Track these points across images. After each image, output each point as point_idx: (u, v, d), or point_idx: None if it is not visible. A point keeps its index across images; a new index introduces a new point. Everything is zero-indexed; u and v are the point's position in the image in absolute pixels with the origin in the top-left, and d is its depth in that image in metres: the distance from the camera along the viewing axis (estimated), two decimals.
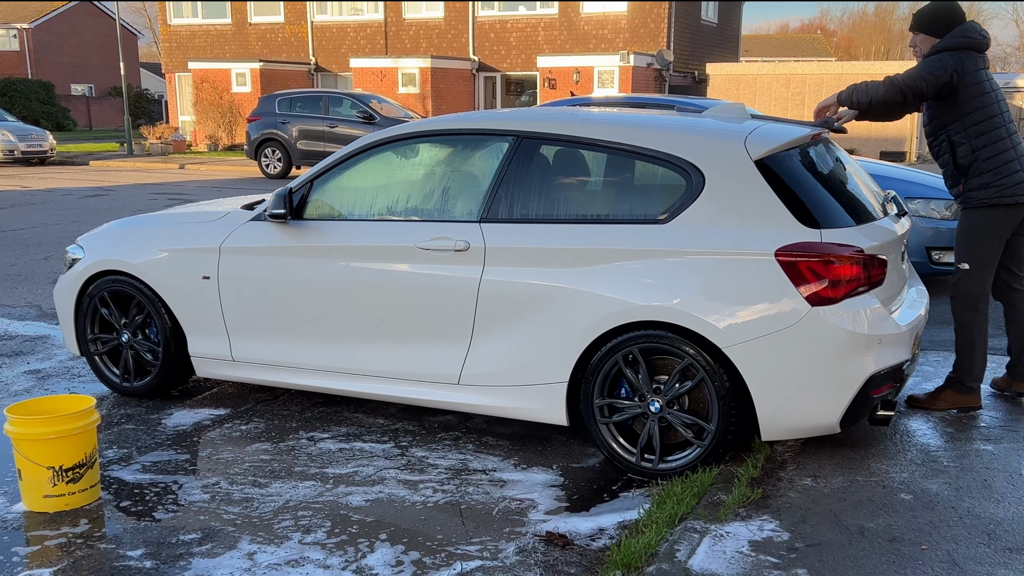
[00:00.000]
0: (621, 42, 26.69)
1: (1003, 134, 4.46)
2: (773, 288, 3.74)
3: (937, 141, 4.60)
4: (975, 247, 4.55)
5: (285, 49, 30.90)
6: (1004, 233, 4.55)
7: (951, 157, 4.54)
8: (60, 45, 49.29)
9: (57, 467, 3.72)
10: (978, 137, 4.45)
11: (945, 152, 4.56)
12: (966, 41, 4.44)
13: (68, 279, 5.25)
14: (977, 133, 4.45)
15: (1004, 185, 4.44)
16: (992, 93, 4.46)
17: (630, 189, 4.17)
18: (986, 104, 4.45)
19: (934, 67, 4.41)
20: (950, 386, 4.67)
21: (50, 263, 9.60)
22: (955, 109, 4.46)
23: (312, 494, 3.93)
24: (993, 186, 4.44)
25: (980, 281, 4.57)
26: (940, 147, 4.59)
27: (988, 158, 4.44)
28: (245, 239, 4.75)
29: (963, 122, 4.46)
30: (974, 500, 3.63)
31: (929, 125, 4.63)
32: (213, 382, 5.53)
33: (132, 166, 24.28)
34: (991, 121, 4.44)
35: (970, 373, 4.61)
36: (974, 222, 4.54)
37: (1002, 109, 4.47)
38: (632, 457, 4.03)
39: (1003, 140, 4.46)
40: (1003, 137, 4.46)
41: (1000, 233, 4.54)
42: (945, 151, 4.56)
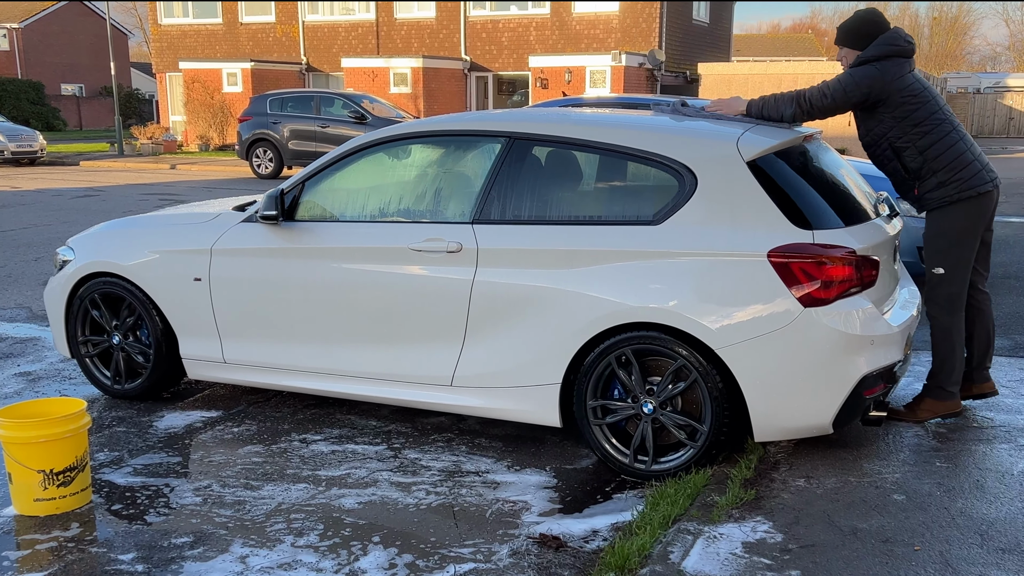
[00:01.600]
0: (613, 42, 26.70)
1: (947, 128, 4.37)
2: (766, 289, 3.74)
3: (879, 151, 4.49)
4: (947, 250, 4.43)
5: (276, 49, 30.82)
6: (976, 229, 4.44)
7: (899, 163, 4.44)
8: (50, 45, 49.08)
9: (48, 470, 3.70)
10: (922, 138, 4.35)
11: (891, 159, 4.46)
12: (890, 49, 4.35)
13: (59, 281, 5.22)
14: (920, 134, 4.35)
15: (963, 179, 4.35)
16: (925, 92, 4.37)
17: (623, 190, 4.16)
18: (922, 103, 4.35)
19: (847, 85, 4.32)
20: (929, 394, 4.57)
21: (40, 264, 9.56)
22: (890, 117, 4.35)
23: (305, 496, 3.91)
24: (951, 183, 4.35)
25: (958, 283, 4.47)
26: (883, 156, 4.48)
27: (938, 155, 4.35)
28: (237, 241, 4.74)
29: (901, 127, 4.36)
30: (966, 500, 3.63)
31: (866, 137, 4.52)
32: (205, 384, 5.51)
33: (123, 166, 24.20)
34: (932, 119, 4.36)
35: (950, 377, 4.52)
36: (941, 224, 4.43)
37: (940, 105, 4.38)
38: (625, 458, 4.03)
39: (949, 134, 4.37)
40: (948, 132, 4.37)
41: (972, 230, 4.43)
42: (891, 158, 4.45)
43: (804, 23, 79.09)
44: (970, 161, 4.39)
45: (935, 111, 4.38)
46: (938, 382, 4.53)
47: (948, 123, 4.40)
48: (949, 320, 4.49)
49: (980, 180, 4.38)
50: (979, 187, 4.37)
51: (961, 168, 4.36)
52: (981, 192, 4.38)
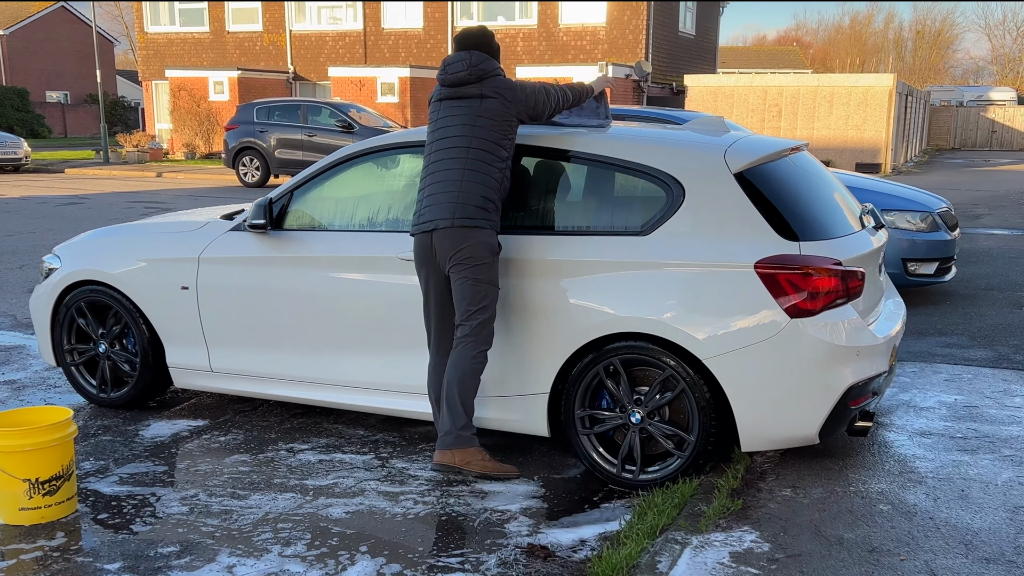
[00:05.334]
0: (600, 53, 26.81)
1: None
2: (752, 300, 3.76)
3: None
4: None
5: (263, 58, 30.80)
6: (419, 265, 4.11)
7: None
8: (35, 52, 48.85)
9: (33, 479, 3.68)
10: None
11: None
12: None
13: (44, 289, 5.20)
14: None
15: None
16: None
17: (611, 201, 4.18)
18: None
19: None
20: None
21: (25, 272, 9.50)
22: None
23: (292, 506, 3.90)
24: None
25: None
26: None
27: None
28: (225, 249, 4.73)
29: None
30: (951, 510, 3.66)
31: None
32: (191, 393, 5.49)
33: (108, 174, 24.08)
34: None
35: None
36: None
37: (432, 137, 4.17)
38: (613, 468, 4.04)
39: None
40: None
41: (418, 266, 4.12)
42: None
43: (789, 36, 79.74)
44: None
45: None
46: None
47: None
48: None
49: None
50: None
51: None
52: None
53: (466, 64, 4.09)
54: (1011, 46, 67.99)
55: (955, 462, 4.18)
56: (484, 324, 3.99)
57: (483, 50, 4.17)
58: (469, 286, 3.96)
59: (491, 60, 4.16)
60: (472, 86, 4.08)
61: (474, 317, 3.97)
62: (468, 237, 3.93)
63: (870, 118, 23.04)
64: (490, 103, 4.05)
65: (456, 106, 4.09)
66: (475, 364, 4.00)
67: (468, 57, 4.11)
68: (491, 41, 4.24)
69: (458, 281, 3.98)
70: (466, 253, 3.93)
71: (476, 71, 4.08)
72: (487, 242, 3.97)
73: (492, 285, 4.00)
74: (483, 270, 3.96)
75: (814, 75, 26.49)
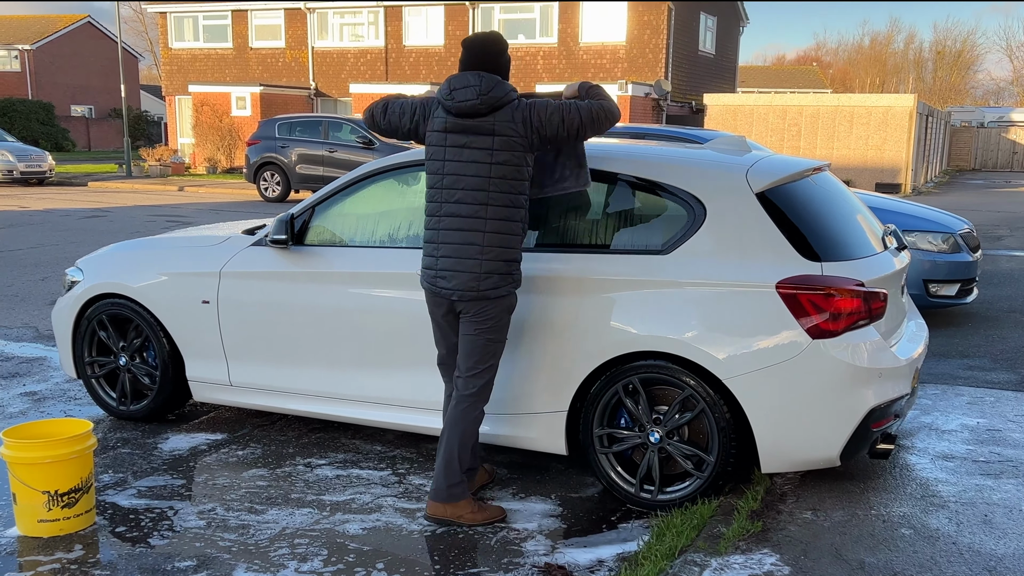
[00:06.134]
0: (619, 72, 26.89)
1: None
2: (774, 320, 3.74)
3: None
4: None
5: (285, 73, 31.07)
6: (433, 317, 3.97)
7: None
8: (61, 66, 49.49)
9: (52, 492, 3.69)
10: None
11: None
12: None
13: (67, 301, 5.24)
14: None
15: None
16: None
17: (632, 219, 4.18)
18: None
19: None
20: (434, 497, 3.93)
21: (47, 284, 9.58)
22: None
23: (309, 521, 3.90)
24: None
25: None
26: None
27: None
28: (246, 264, 4.75)
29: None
30: (974, 536, 3.61)
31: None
32: (210, 406, 5.51)
33: (131, 187, 24.32)
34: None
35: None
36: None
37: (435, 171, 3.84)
38: (631, 488, 4.01)
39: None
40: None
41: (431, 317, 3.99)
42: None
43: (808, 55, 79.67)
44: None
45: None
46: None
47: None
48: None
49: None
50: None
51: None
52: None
53: (476, 92, 3.62)
54: None
55: (978, 486, 4.13)
56: (488, 384, 3.89)
57: (493, 67, 3.72)
58: (483, 345, 3.81)
59: (503, 84, 3.68)
60: (484, 119, 3.65)
61: (481, 376, 3.85)
62: (492, 304, 3.76)
63: (890, 138, 22.94)
64: (505, 144, 3.66)
65: (466, 145, 3.68)
66: (476, 424, 3.93)
67: (479, 83, 3.63)
68: (503, 53, 3.78)
69: (472, 338, 3.81)
70: (485, 318, 3.78)
71: (488, 100, 3.63)
72: (508, 306, 3.83)
73: (501, 343, 3.88)
74: (498, 329, 3.83)
75: (834, 95, 26.43)
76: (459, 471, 3.88)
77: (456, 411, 3.87)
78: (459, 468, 3.88)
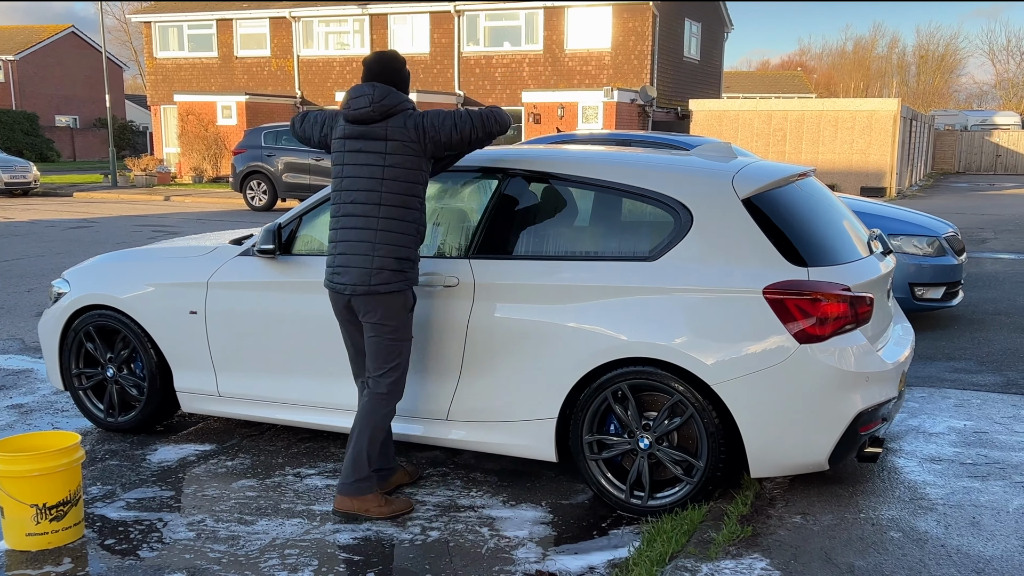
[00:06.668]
0: (605, 78, 26.98)
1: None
2: (761, 325, 3.76)
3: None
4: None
5: (271, 82, 31.04)
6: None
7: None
8: (45, 77, 49.27)
9: (41, 505, 3.67)
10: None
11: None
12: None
13: (53, 313, 5.21)
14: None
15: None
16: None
17: (619, 226, 4.20)
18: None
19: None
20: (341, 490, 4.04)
21: (33, 295, 9.53)
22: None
23: (299, 532, 3.89)
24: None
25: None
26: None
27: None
28: (233, 274, 4.74)
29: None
30: (963, 538, 3.63)
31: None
32: (198, 417, 5.49)
33: (116, 198, 24.22)
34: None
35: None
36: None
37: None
38: (621, 494, 4.02)
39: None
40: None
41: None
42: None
43: (793, 60, 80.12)
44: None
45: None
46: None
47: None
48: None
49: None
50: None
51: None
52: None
53: (369, 100, 3.84)
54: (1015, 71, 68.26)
55: (966, 488, 4.16)
56: (397, 382, 4.01)
57: (389, 80, 3.93)
58: (385, 345, 3.94)
59: (396, 94, 3.88)
60: (378, 125, 3.85)
61: (388, 375, 3.97)
62: (384, 302, 3.89)
63: (875, 142, 23.09)
64: (397, 148, 3.84)
65: (361, 149, 3.88)
66: (386, 421, 4.04)
67: (372, 92, 3.85)
68: (400, 69, 3.98)
69: (374, 340, 3.95)
70: (381, 315, 3.91)
71: (380, 108, 3.83)
72: (403, 302, 3.94)
73: (405, 341, 4.00)
74: (397, 329, 3.95)
75: (819, 99, 26.60)
76: (367, 466, 4.00)
77: (366, 407, 4.01)
78: (367, 463, 4.00)
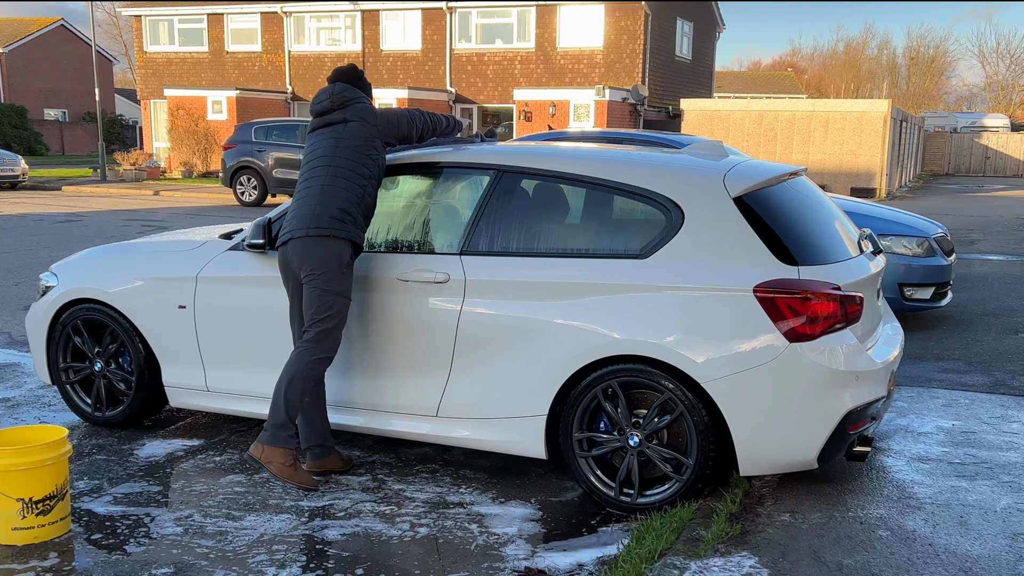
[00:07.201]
0: (597, 76, 26.98)
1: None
2: (751, 324, 3.76)
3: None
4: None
5: (262, 77, 30.92)
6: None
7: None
8: (34, 70, 48.96)
9: (27, 499, 3.65)
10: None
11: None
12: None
13: (41, 306, 5.18)
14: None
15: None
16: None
17: (610, 224, 4.19)
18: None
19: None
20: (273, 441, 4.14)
21: (21, 289, 9.47)
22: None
23: (287, 527, 3.87)
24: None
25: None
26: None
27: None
28: (223, 269, 4.72)
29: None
30: (951, 537, 3.65)
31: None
32: (186, 412, 5.46)
33: (105, 192, 24.09)
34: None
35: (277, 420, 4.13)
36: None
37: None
38: (611, 491, 4.02)
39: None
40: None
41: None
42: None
43: (784, 60, 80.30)
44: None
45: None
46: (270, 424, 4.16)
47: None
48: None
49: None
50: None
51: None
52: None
53: (329, 94, 4.40)
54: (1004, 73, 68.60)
55: (954, 488, 4.17)
56: (327, 332, 4.13)
57: (347, 82, 4.46)
58: (317, 295, 4.11)
59: (353, 89, 4.43)
60: (336, 113, 4.36)
61: (318, 325, 4.12)
62: (319, 245, 4.10)
63: (865, 143, 23.17)
64: (353, 127, 4.32)
65: (323, 133, 4.38)
66: (309, 369, 4.13)
67: (331, 89, 4.42)
68: (359, 76, 4.52)
69: (308, 290, 4.15)
70: (315, 263, 4.11)
71: (339, 99, 4.37)
72: (337, 252, 4.12)
73: (341, 296, 4.16)
74: (331, 280, 4.12)
75: (809, 100, 26.66)
76: (284, 413, 4.08)
77: (293, 355, 4.16)
78: (284, 411, 4.08)
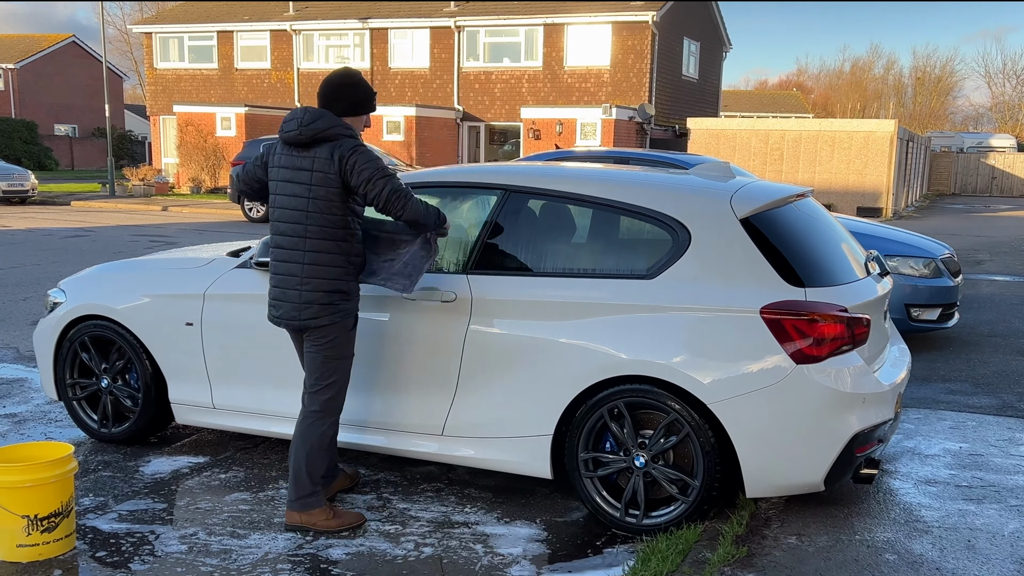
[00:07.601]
0: (604, 95, 27.08)
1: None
2: (758, 345, 3.76)
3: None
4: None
5: (271, 94, 31.11)
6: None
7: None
8: (45, 85, 49.33)
9: (32, 516, 3.65)
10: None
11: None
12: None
13: (49, 322, 5.20)
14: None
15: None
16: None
17: (617, 244, 4.20)
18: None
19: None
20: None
21: (29, 304, 9.51)
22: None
23: (292, 546, 3.87)
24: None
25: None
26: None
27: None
28: (230, 286, 4.74)
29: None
30: (958, 561, 3.62)
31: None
32: (192, 429, 5.47)
33: (114, 207, 24.20)
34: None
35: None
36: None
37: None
38: (616, 512, 4.01)
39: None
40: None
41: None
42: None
43: (790, 80, 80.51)
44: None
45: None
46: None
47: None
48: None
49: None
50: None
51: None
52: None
53: (298, 123, 3.75)
54: (1011, 94, 68.59)
55: (961, 511, 4.15)
56: (333, 398, 4.02)
57: (326, 102, 3.83)
58: (321, 360, 3.96)
59: (329, 117, 3.76)
60: (305, 155, 3.77)
61: (324, 392, 3.99)
62: (318, 331, 3.92)
63: (871, 163, 23.18)
64: (321, 178, 3.75)
65: (290, 179, 3.83)
66: (323, 440, 4.03)
67: (302, 115, 3.76)
68: (342, 86, 3.85)
69: (311, 350, 3.97)
70: (317, 338, 3.94)
71: (308, 131, 3.73)
72: (342, 328, 3.95)
73: (344, 359, 4.01)
74: (335, 347, 3.97)
75: (816, 120, 26.69)
76: (309, 484, 4.01)
77: (302, 426, 4.03)
78: (309, 481, 4.01)
